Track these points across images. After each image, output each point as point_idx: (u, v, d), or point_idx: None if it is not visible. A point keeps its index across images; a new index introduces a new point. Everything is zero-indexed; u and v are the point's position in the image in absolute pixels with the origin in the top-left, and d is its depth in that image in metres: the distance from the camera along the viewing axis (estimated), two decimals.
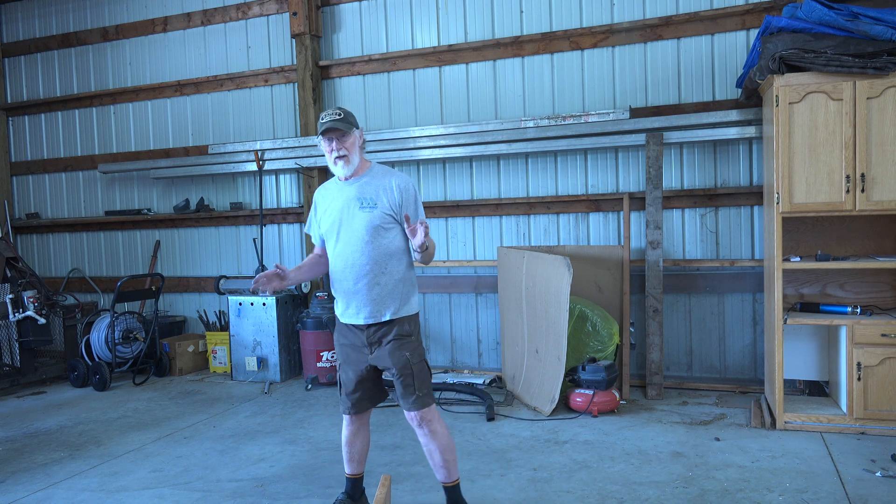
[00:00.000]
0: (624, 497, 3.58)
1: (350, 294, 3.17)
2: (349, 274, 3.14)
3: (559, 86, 6.00)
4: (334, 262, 3.22)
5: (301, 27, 6.55)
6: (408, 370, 3.16)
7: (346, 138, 3.13)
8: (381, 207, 3.13)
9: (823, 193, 4.34)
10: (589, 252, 5.77)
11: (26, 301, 6.37)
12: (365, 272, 3.12)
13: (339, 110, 3.15)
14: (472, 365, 6.41)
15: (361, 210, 3.13)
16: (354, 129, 3.16)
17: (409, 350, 3.18)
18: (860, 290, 4.83)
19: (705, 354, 5.66)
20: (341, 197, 3.20)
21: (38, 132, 8.14)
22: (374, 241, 3.11)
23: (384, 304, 3.15)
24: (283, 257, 7.05)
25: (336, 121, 3.10)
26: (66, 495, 3.92)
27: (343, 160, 3.14)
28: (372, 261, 3.12)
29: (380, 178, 3.20)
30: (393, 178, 3.20)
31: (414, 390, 3.16)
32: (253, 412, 5.44)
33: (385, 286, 3.14)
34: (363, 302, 3.15)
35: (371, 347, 3.20)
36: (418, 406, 3.17)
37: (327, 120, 3.12)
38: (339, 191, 3.24)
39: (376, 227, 3.12)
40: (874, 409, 4.30)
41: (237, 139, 7.14)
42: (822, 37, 4.27)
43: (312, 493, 3.80)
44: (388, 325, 3.17)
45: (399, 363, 3.16)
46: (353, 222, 3.14)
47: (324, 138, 3.15)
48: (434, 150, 6.19)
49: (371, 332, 3.18)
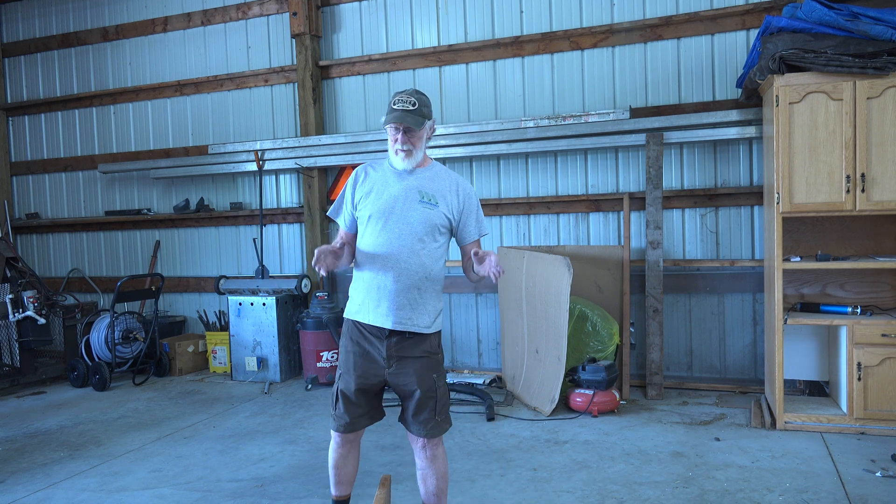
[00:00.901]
0: (624, 497, 3.58)
1: (384, 291, 2.79)
2: (390, 269, 2.78)
3: (559, 86, 6.00)
4: (373, 254, 2.81)
5: (301, 27, 6.55)
6: (432, 394, 2.85)
7: (414, 133, 2.81)
8: (441, 207, 2.83)
9: (823, 193, 4.34)
10: (589, 252, 5.77)
11: (26, 301, 6.37)
12: (411, 271, 2.78)
13: (414, 98, 2.80)
14: (472, 365, 6.41)
15: (422, 204, 2.80)
16: (426, 121, 2.83)
17: (436, 371, 2.88)
18: (860, 290, 4.83)
19: (705, 354, 5.65)
20: (398, 183, 2.85)
21: (38, 132, 8.14)
22: (427, 240, 2.81)
23: (420, 313, 2.81)
24: (283, 257, 7.05)
25: (407, 112, 2.76)
26: (66, 495, 3.91)
27: (406, 153, 2.82)
28: (420, 261, 2.80)
29: (443, 177, 2.90)
30: (458, 181, 2.91)
31: (434, 415, 2.86)
32: (253, 412, 5.44)
33: (425, 292, 2.83)
34: (398, 304, 2.78)
35: (389, 361, 2.82)
36: (435, 433, 2.88)
37: (399, 109, 2.77)
38: (395, 176, 2.88)
39: (434, 226, 2.82)
40: (874, 409, 4.30)
41: (237, 139, 7.14)
42: (822, 37, 4.27)
43: (312, 493, 3.80)
44: (415, 340, 2.83)
45: (425, 385, 2.83)
46: (409, 214, 2.80)
47: (390, 126, 2.81)
48: (434, 149, 6.18)
49: (393, 342, 2.81)
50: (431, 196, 2.83)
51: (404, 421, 2.95)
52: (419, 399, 2.84)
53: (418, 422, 2.87)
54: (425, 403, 2.84)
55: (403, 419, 2.95)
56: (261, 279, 6.57)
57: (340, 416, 2.92)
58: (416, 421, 2.88)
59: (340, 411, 2.91)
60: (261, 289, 6.50)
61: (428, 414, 2.86)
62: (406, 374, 2.82)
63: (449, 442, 4.49)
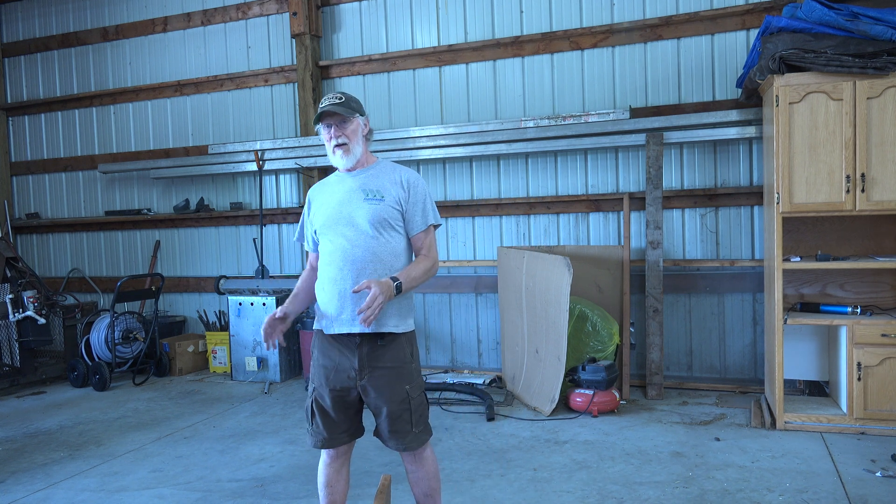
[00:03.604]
0: (624, 497, 3.58)
1: (345, 295, 2.66)
2: (347, 272, 2.67)
3: (559, 86, 6.00)
4: (328, 262, 2.74)
5: (301, 27, 6.55)
6: (406, 406, 2.69)
7: (346, 124, 2.74)
8: (388, 201, 2.73)
9: (823, 193, 4.34)
10: (589, 252, 5.77)
11: (26, 301, 6.37)
12: (368, 270, 2.66)
13: (341, 94, 2.78)
14: (472, 365, 6.40)
15: (367, 202, 2.72)
16: (357, 115, 2.78)
17: (408, 381, 2.72)
18: (860, 290, 4.83)
19: (705, 354, 5.65)
20: (341, 189, 2.79)
21: (38, 132, 8.14)
22: (379, 236, 2.70)
23: (386, 312, 2.66)
24: (283, 257, 7.05)
25: (336, 104, 2.73)
26: (66, 495, 3.91)
27: (342, 149, 2.75)
28: (376, 258, 2.68)
29: (388, 171, 2.82)
30: (402, 172, 2.82)
31: (410, 428, 2.72)
32: (253, 412, 5.44)
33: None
34: (360, 306, 2.60)
35: (361, 373, 2.69)
36: (414, 445, 2.74)
37: (326, 104, 2.74)
38: (338, 183, 2.83)
39: (383, 220, 2.71)
40: (874, 409, 4.29)
41: (237, 139, 7.14)
42: (822, 37, 4.27)
43: (312, 493, 3.80)
44: (385, 346, 2.70)
45: (396, 399, 2.68)
46: (355, 215, 2.71)
47: (322, 124, 2.77)
48: (434, 150, 6.19)
49: (365, 352, 2.69)
50: (376, 192, 2.74)
51: (380, 435, 2.80)
52: (390, 414, 2.70)
53: (395, 437, 2.74)
54: (400, 417, 2.70)
55: (378, 434, 2.81)
56: (261, 279, 6.57)
57: (317, 431, 2.79)
58: (392, 437, 2.74)
59: (318, 427, 2.78)
60: (261, 289, 6.50)
61: (404, 427, 2.71)
62: (376, 387, 2.69)
63: (449, 442, 4.49)
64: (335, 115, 2.74)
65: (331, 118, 2.75)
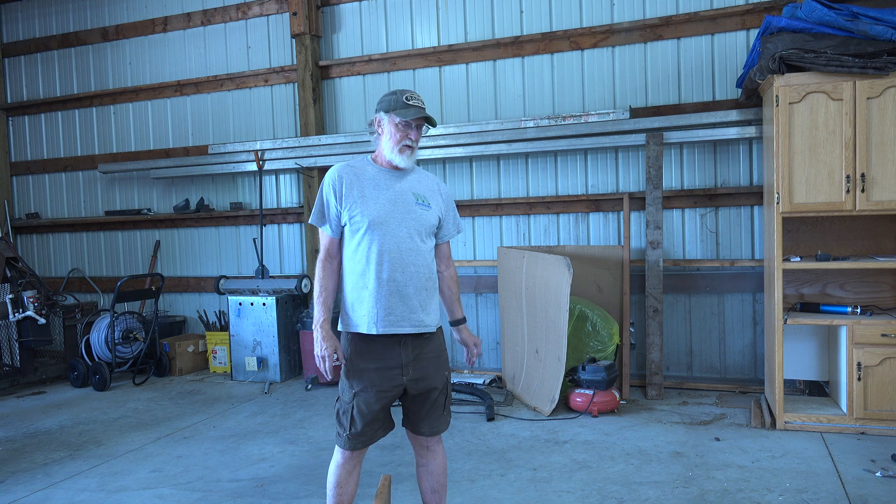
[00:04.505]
0: (624, 497, 3.58)
1: (396, 297, 2.72)
2: (398, 274, 2.72)
3: (559, 86, 6.00)
4: (377, 262, 2.72)
5: (301, 27, 6.55)
6: (445, 390, 2.88)
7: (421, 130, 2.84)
8: (434, 209, 2.85)
9: (823, 193, 4.34)
10: (589, 252, 5.77)
11: (26, 301, 6.37)
12: (420, 274, 2.77)
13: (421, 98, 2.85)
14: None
15: (418, 206, 2.79)
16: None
17: (446, 367, 2.91)
18: (860, 290, 4.83)
19: (705, 354, 5.65)
20: (390, 187, 2.79)
21: (38, 132, 8.14)
22: (427, 241, 2.82)
23: (430, 313, 2.82)
24: (283, 257, 7.05)
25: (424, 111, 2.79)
26: (66, 495, 3.91)
27: (411, 150, 2.80)
28: (425, 263, 2.80)
29: (427, 179, 2.92)
30: (437, 181, 2.96)
31: (442, 412, 2.88)
32: (253, 412, 5.44)
33: (430, 292, 2.83)
34: (412, 307, 2.74)
35: (406, 368, 2.76)
36: (443, 427, 2.90)
37: (418, 105, 2.78)
38: (385, 179, 2.81)
39: (430, 227, 2.83)
40: (874, 409, 4.29)
41: (237, 139, 7.14)
42: (822, 37, 4.27)
43: (312, 493, 3.80)
44: (427, 339, 2.84)
45: (441, 382, 2.85)
46: (408, 217, 2.76)
47: (403, 122, 2.75)
48: (434, 149, 6.18)
49: (409, 349, 2.77)
50: (424, 197, 2.82)
51: (413, 423, 2.88)
52: (434, 399, 2.84)
53: (429, 420, 2.85)
54: (437, 400, 2.85)
55: (412, 421, 2.88)
56: (261, 279, 6.57)
57: (357, 435, 2.77)
58: (428, 418, 2.84)
59: (357, 430, 2.76)
60: (261, 289, 6.50)
61: (439, 411, 2.86)
62: (425, 375, 2.79)
63: (449, 442, 4.49)
64: (424, 120, 2.80)
65: (421, 121, 2.80)
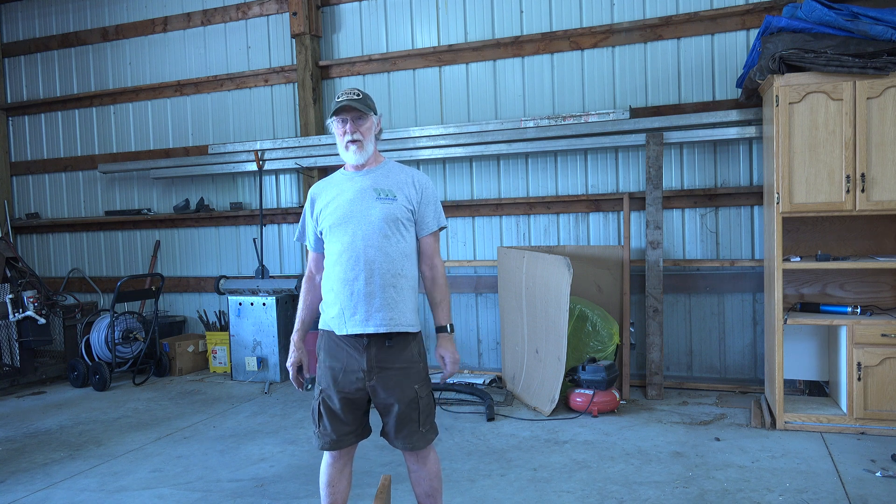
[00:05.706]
0: (624, 497, 3.58)
1: (359, 296, 2.66)
2: (360, 272, 2.66)
3: (559, 86, 6.00)
4: (338, 261, 2.71)
5: (301, 27, 6.55)
6: (415, 405, 2.70)
7: (362, 121, 2.73)
8: (400, 201, 2.73)
9: (823, 193, 4.34)
10: (589, 252, 5.77)
11: (26, 301, 6.37)
12: (382, 270, 2.66)
13: (358, 91, 2.76)
14: (472, 365, 6.40)
15: (380, 201, 2.70)
16: (372, 113, 2.78)
17: (417, 381, 2.72)
18: (860, 290, 4.83)
19: (705, 354, 5.65)
20: (351, 188, 2.76)
21: (38, 132, 8.14)
22: (392, 235, 2.70)
23: (399, 312, 2.68)
24: (283, 257, 7.05)
25: (354, 100, 2.71)
26: (66, 495, 3.91)
27: (356, 145, 2.73)
28: (389, 258, 2.68)
29: (397, 171, 2.82)
30: (413, 173, 2.83)
31: (418, 428, 2.72)
32: (253, 412, 5.44)
33: (400, 290, 2.69)
34: (376, 306, 2.65)
35: (370, 374, 2.68)
36: (421, 444, 2.75)
37: (343, 98, 2.72)
38: (347, 181, 2.80)
39: (396, 219, 2.70)
40: (874, 409, 4.30)
41: (237, 139, 7.14)
42: (822, 37, 4.28)
43: (312, 493, 3.80)
44: (396, 348, 2.70)
45: (407, 398, 2.69)
46: (367, 214, 2.69)
47: (337, 119, 2.74)
48: (434, 150, 6.19)
49: (373, 353, 2.68)
50: (388, 191, 2.73)
51: (386, 436, 2.81)
52: (399, 413, 2.70)
53: (402, 437, 2.74)
54: (409, 417, 2.71)
55: (385, 434, 2.81)
56: (261, 279, 6.57)
57: (326, 433, 2.76)
58: (399, 436, 2.74)
59: (326, 429, 2.75)
60: (261, 289, 6.50)
61: (411, 427, 2.72)
62: (386, 387, 2.68)
63: (449, 442, 4.49)
64: (352, 111, 2.73)
65: (347, 113, 2.73)
